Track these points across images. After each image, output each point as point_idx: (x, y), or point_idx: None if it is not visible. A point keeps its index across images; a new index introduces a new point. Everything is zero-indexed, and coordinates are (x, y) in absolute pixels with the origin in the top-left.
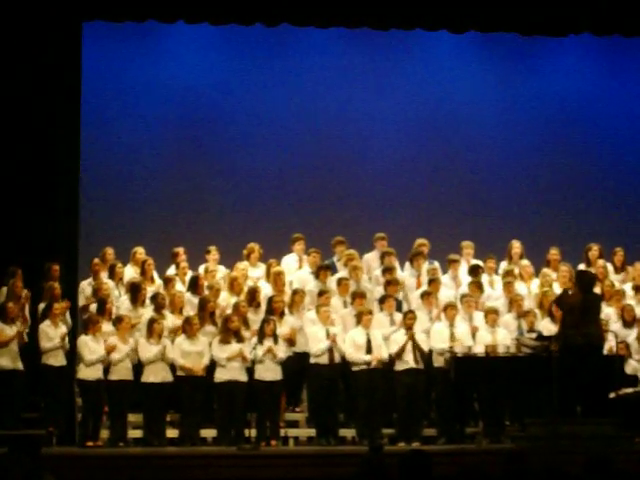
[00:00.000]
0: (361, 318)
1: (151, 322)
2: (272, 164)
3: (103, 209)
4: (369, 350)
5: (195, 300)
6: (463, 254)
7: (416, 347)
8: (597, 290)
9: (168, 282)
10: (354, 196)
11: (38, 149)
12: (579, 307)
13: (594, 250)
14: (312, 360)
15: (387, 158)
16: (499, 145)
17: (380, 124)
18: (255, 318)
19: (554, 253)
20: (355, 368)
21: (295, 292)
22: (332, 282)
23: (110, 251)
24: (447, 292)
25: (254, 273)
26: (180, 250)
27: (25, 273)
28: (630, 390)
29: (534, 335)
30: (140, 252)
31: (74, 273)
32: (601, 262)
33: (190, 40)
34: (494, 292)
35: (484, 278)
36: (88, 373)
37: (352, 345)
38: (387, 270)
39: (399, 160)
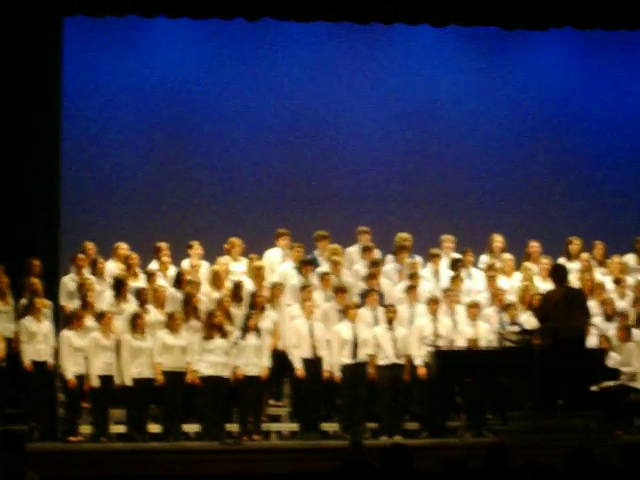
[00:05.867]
0: (347, 312)
1: (135, 317)
2: (254, 159)
3: (84, 204)
4: (356, 344)
5: (179, 295)
6: (443, 247)
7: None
8: (576, 283)
9: (150, 277)
10: (336, 190)
11: (18, 144)
12: (563, 300)
13: (575, 244)
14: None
15: (369, 152)
16: (480, 139)
17: (361, 118)
18: (238, 313)
19: (534, 246)
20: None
21: (274, 286)
22: (314, 277)
23: (90, 246)
24: (428, 286)
25: (236, 268)
26: (163, 245)
27: (5, 269)
28: (611, 383)
29: (516, 328)
30: (123, 247)
31: (55, 268)
32: (585, 256)
33: (171, 35)
34: (475, 285)
35: (463, 272)
36: (70, 368)
37: (337, 340)
38: (374, 264)
39: (381, 154)
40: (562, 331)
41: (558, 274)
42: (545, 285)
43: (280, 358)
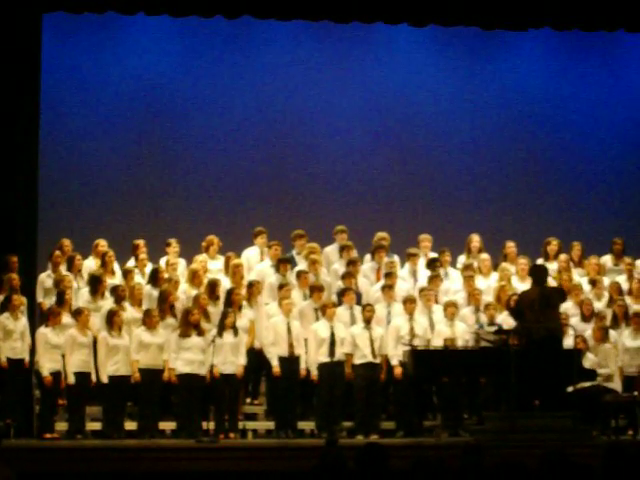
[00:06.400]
0: (325, 311)
1: (111, 314)
2: (232, 156)
3: (62, 201)
4: (333, 343)
5: (155, 293)
6: (421, 247)
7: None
8: (554, 284)
9: (127, 274)
10: (314, 189)
11: None
12: (538, 301)
13: (553, 244)
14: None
15: (348, 151)
16: (458, 139)
17: (341, 117)
18: (215, 311)
19: (510, 246)
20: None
21: (251, 284)
22: (292, 275)
23: (67, 242)
24: (405, 286)
25: (213, 266)
26: (140, 242)
27: None
28: (587, 384)
29: (494, 328)
30: (102, 244)
31: (33, 265)
32: (563, 256)
33: (150, 32)
34: (452, 285)
35: (441, 271)
36: (47, 365)
37: (315, 339)
38: (351, 263)
39: (360, 153)
40: (536, 331)
41: (538, 274)
42: (522, 285)
43: (257, 356)
